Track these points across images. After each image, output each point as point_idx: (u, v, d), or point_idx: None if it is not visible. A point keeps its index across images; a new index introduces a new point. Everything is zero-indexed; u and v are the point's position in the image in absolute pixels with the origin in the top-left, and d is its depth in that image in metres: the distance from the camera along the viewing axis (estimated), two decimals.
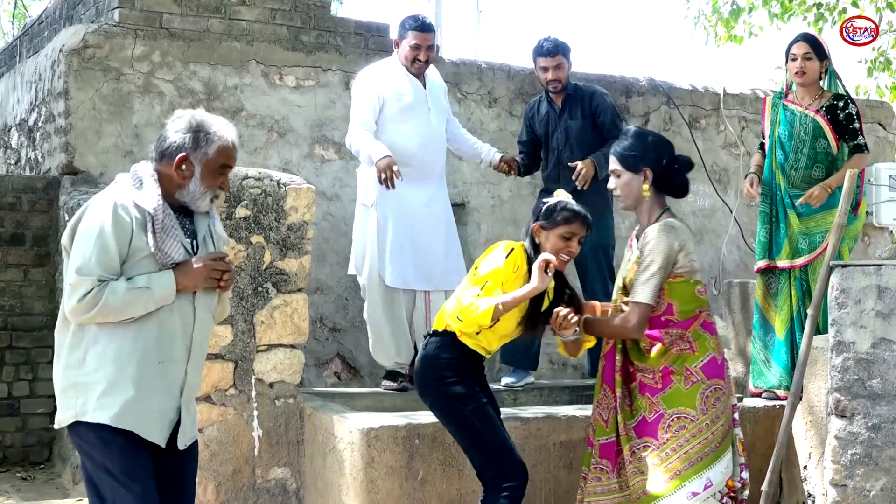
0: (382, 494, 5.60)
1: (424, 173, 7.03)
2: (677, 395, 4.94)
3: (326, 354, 8.26)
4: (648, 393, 4.99)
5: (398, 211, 6.92)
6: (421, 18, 7.16)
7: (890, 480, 5.31)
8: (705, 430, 4.89)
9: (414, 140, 7.00)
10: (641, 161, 5.13)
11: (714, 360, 5.02)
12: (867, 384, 5.35)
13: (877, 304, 5.34)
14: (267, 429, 6.15)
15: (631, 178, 5.16)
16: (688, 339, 5.01)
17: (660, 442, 4.90)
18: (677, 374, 4.96)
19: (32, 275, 7.87)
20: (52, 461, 7.80)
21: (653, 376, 5.00)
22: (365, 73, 7.22)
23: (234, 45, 8.17)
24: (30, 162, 8.75)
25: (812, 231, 6.70)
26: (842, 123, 6.76)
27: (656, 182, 5.15)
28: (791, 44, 6.91)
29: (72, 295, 4.07)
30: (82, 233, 4.12)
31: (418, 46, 7.01)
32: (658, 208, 5.17)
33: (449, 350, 5.17)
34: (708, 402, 4.93)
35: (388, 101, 6.98)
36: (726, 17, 14.70)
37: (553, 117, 7.56)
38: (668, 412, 4.93)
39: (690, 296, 5.05)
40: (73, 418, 4.15)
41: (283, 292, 6.20)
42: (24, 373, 7.75)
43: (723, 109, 10.02)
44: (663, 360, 5.00)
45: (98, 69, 7.74)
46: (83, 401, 4.12)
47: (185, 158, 4.23)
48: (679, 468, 4.84)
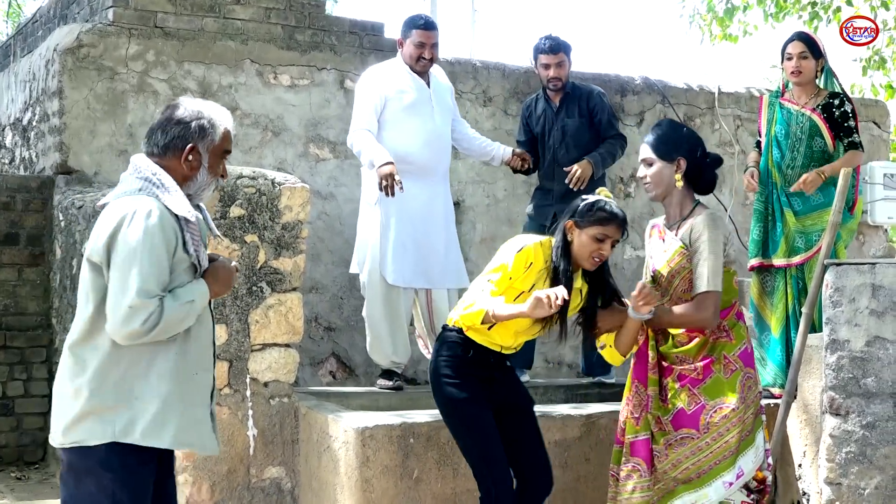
0: (377, 494, 5.59)
1: (427, 172, 7.04)
2: (718, 385, 4.95)
3: (321, 354, 8.26)
4: (689, 384, 4.99)
5: (401, 209, 6.93)
6: (424, 17, 7.25)
7: (884, 478, 5.33)
8: (743, 419, 4.92)
9: (416, 139, 7.01)
10: (675, 150, 5.09)
11: (747, 348, 5.06)
12: (861, 382, 5.37)
13: (871, 303, 5.36)
14: (262, 428, 6.13)
15: (663, 166, 5.10)
16: (724, 328, 5.04)
17: (700, 433, 4.91)
18: (717, 363, 4.97)
19: (27, 274, 7.87)
20: (46, 461, 7.80)
21: (693, 367, 4.99)
22: (368, 72, 7.25)
23: (229, 44, 8.17)
24: (24, 161, 8.75)
25: (809, 229, 6.71)
26: (837, 121, 6.77)
27: (687, 174, 5.11)
28: (786, 43, 6.92)
29: (132, 319, 3.83)
30: (131, 250, 3.85)
31: (422, 45, 7.04)
32: (690, 201, 5.15)
33: (452, 347, 5.14)
34: (745, 391, 4.95)
35: (391, 99, 7.00)
36: (721, 16, 14.71)
37: (550, 115, 7.59)
38: (709, 403, 4.93)
39: (729, 286, 5.08)
40: (109, 438, 3.91)
41: (277, 291, 6.18)
42: (19, 372, 7.74)
43: (717, 108, 10.02)
44: (702, 350, 5.01)
45: (92, 68, 7.73)
46: (126, 422, 3.93)
47: (194, 148, 4.08)
48: (718, 458, 4.88)
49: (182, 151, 4.07)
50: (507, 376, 5.28)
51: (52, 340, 7.82)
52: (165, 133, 4.09)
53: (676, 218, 5.12)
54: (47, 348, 7.85)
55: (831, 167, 6.69)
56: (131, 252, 3.84)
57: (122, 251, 3.85)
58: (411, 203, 6.91)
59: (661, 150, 5.10)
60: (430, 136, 7.05)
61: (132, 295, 3.82)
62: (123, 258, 3.85)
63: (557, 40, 7.58)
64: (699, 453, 4.90)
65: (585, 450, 6.03)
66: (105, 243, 3.89)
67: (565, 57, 7.55)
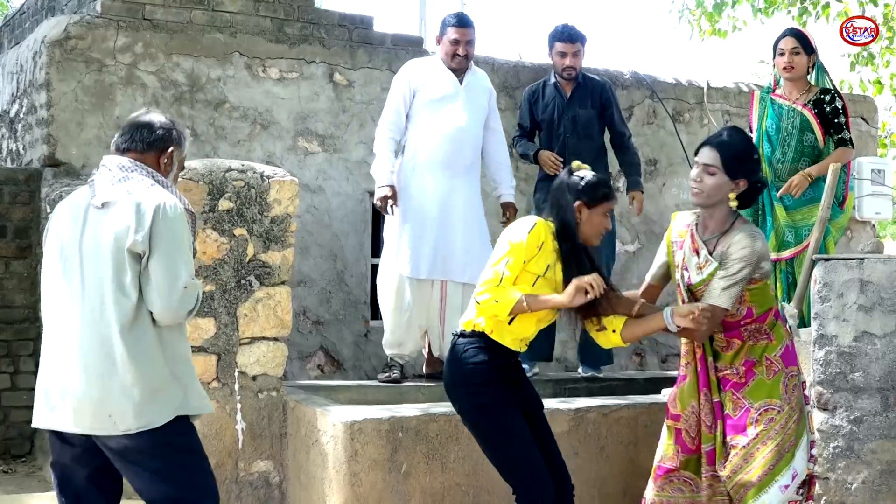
0: (366, 487, 5.60)
1: (447, 166, 7.12)
2: (762, 387, 4.88)
3: (309, 347, 8.25)
4: (732, 389, 4.92)
5: (418, 203, 7.06)
6: (460, 15, 7.44)
7: (871, 473, 5.35)
8: (790, 419, 4.85)
9: (439, 132, 7.12)
10: (742, 171, 4.92)
11: (788, 347, 4.97)
12: (849, 377, 5.38)
13: (859, 298, 5.37)
14: (250, 422, 6.14)
15: (725, 182, 4.90)
16: (765, 331, 4.95)
17: (749, 438, 4.83)
18: (759, 365, 4.89)
19: (14, 267, 7.84)
20: (33, 454, 7.77)
21: (735, 371, 4.93)
22: (405, 65, 7.46)
23: (218, 36, 8.15)
24: (11, 154, 8.72)
25: (799, 224, 6.73)
26: (828, 117, 6.79)
27: (740, 196, 4.95)
28: (778, 39, 6.96)
29: (188, 299, 4.23)
30: (175, 237, 4.21)
31: (457, 41, 7.22)
32: (732, 215, 4.98)
33: (477, 353, 4.99)
34: (790, 391, 4.89)
35: (420, 91, 7.19)
36: (710, 11, 14.78)
37: (560, 104, 7.72)
38: (754, 406, 4.86)
39: (766, 296, 4.99)
40: (173, 414, 4.28)
41: (266, 285, 6.19)
42: (6, 366, 7.71)
43: (706, 103, 10.03)
44: (743, 353, 4.94)
45: (80, 60, 7.70)
46: (181, 395, 4.31)
47: (172, 152, 4.44)
48: (772, 462, 4.80)
49: (163, 152, 4.42)
50: (524, 378, 5.24)
51: (40, 333, 7.76)
52: (152, 132, 4.42)
53: (715, 231, 4.97)
54: (34, 341, 7.80)
55: (818, 167, 6.71)
56: (175, 239, 4.21)
57: (166, 239, 4.18)
58: (429, 196, 7.03)
59: (731, 165, 4.90)
60: (454, 131, 7.12)
61: (186, 277, 4.22)
62: (169, 245, 4.19)
63: (574, 29, 7.76)
64: (752, 461, 4.82)
65: (574, 444, 6.04)
66: (147, 233, 4.16)
67: (581, 47, 7.73)
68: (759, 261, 4.86)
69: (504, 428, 4.95)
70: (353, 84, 8.57)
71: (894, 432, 5.36)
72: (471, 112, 7.25)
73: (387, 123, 7.20)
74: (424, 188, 7.08)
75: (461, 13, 7.50)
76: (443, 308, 7.12)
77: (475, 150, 7.31)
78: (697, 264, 4.96)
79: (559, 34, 7.73)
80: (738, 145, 4.97)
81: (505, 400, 4.97)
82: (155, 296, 4.18)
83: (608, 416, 6.21)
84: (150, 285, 4.18)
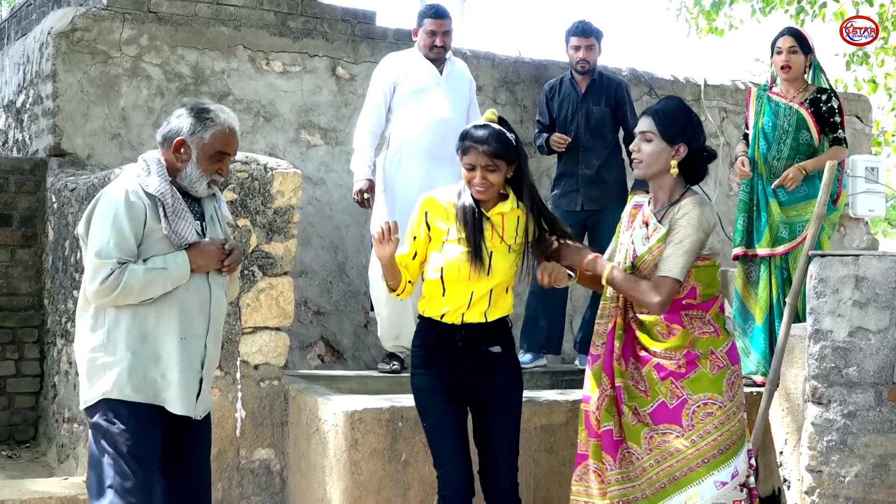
0: (366, 476, 5.63)
1: (430, 156, 7.14)
2: (703, 381, 4.69)
3: (310, 337, 8.30)
4: (672, 377, 4.71)
5: (403, 193, 7.07)
6: (435, 6, 7.45)
7: (864, 466, 5.36)
8: (732, 417, 4.69)
9: (421, 123, 7.18)
10: (681, 135, 4.78)
11: (734, 344, 4.85)
12: (844, 372, 5.40)
13: (854, 294, 5.38)
14: (252, 410, 6.16)
15: (663, 148, 4.79)
16: (709, 321, 4.79)
17: (684, 429, 4.66)
18: (703, 358, 4.71)
19: (19, 255, 7.91)
20: (37, 440, 7.83)
21: (676, 360, 4.71)
22: (384, 59, 7.49)
23: (222, 29, 8.20)
24: (17, 143, 8.77)
25: (793, 220, 6.77)
26: (823, 116, 6.84)
27: (682, 163, 4.80)
28: (776, 38, 6.97)
29: (94, 278, 4.31)
30: (98, 219, 4.35)
31: (434, 32, 7.27)
32: (681, 186, 4.84)
33: (416, 336, 5.07)
34: (734, 389, 4.74)
35: (400, 84, 7.24)
36: (707, 10, 14.83)
37: (575, 100, 7.77)
38: (692, 398, 4.67)
39: (713, 279, 4.85)
40: (99, 396, 4.38)
41: (268, 275, 6.21)
42: (11, 352, 7.79)
43: (703, 100, 10.10)
44: (687, 343, 4.72)
45: (86, 52, 7.77)
46: (108, 379, 4.37)
47: (183, 142, 4.46)
48: (707, 455, 4.63)
49: (171, 145, 4.47)
50: (480, 365, 4.96)
51: (44, 321, 7.85)
52: (167, 126, 4.52)
53: (664, 202, 4.84)
54: (39, 328, 7.88)
55: (814, 162, 6.76)
56: (96, 222, 4.36)
57: (92, 224, 4.38)
58: (415, 186, 7.00)
59: (665, 129, 4.78)
60: (436, 121, 7.17)
61: (92, 256, 4.32)
62: (92, 229, 4.37)
63: (590, 25, 7.82)
64: (685, 451, 4.63)
65: (571, 434, 6.02)
66: (84, 220, 4.44)
67: (596, 42, 7.77)
68: (708, 229, 4.72)
69: (422, 410, 5.00)
70: (355, 78, 8.63)
71: (887, 426, 5.37)
72: (452, 102, 7.30)
73: (367, 118, 7.27)
74: (410, 179, 7.11)
75: (437, 5, 7.52)
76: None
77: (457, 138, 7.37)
78: (645, 235, 4.83)
79: (574, 28, 7.79)
80: (674, 110, 4.85)
81: (431, 383, 4.95)
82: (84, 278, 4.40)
83: None
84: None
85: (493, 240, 4.89)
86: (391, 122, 7.27)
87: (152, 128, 8.00)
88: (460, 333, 4.93)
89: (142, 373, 4.40)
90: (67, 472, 6.75)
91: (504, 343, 5.05)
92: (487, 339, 4.98)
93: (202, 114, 4.51)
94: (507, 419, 5.03)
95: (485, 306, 4.93)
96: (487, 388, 4.97)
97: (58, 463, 7.16)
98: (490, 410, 5.00)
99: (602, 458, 4.82)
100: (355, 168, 7.20)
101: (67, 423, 7.06)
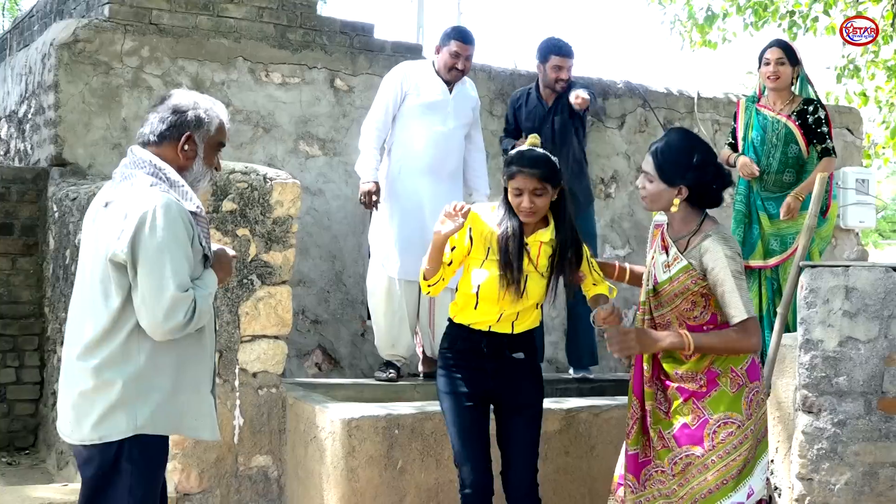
0: (362, 483, 5.66)
1: (432, 170, 7.19)
2: (723, 399, 4.62)
3: (308, 346, 8.33)
4: (694, 398, 4.65)
5: (404, 205, 7.13)
6: (463, 30, 7.46)
7: (854, 475, 5.41)
8: (750, 436, 4.61)
9: (425, 137, 7.20)
10: (680, 178, 4.63)
11: (754, 361, 4.73)
12: (834, 381, 5.44)
13: (844, 304, 5.42)
14: (250, 417, 6.18)
15: (664, 189, 4.66)
16: None
17: (705, 449, 4.58)
18: (723, 376, 4.63)
19: (20, 264, 7.94)
20: (36, 447, 7.85)
21: (697, 380, 4.65)
22: (397, 66, 7.49)
23: (222, 41, 8.26)
24: (19, 153, 8.81)
25: (784, 232, 6.83)
26: (811, 127, 6.90)
27: (689, 197, 4.67)
28: (765, 49, 7.05)
29: (175, 313, 3.88)
30: (160, 246, 3.88)
31: (458, 55, 7.26)
32: (697, 215, 4.72)
33: (444, 339, 5.16)
34: (752, 406, 4.65)
35: (410, 94, 7.24)
36: (701, 23, 14.87)
37: (541, 113, 7.81)
38: (713, 417, 4.60)
39: None
40: (131, 432, 3.97)
41: (267, 284, 6.22)
42: (11, 360, 7.80)
43: (696, 113, 10.14)
44: (706, 362, 4.65)
45: (88, 63, 7.82)
46: (148, 414, 3.99)
47: (190, 137, 4.12)
48: (726, 477, 4.55)
49: (178, 141, 4.10)
50: (505, 369, 5.07)
51: (45, 329, 7.88)
52: (163, 121, 4.11)
53: (682, 232, 4.72)
54: (39, 336, 7.90)
55: (806, 187, 6.81)
56: (160, 248, 3.88)
57: (150, 248, 3.88)
58: (415, 199, 7.09)
59: (663, 172, 4.66)
60: (439, 137, 7.21)
61: (172, 289, 3.87)
62: (154, 255, 3.87)
63: (568, 44, 7.86)
64: (705, 472, 4.56)
65: (565, 443, 6.13)
66: (130, 243, 3.89)
67: (573, 62, 7.84)
68: (737, 259, 4.60)
69: (446, 413, 5.06)
70: (353, 90, 8.68)
71: (877, 435, 5.42)
72: (457, 120, 7.33)
73: (374, 121, 7.25)
74: (410, 192, 7.14)
75: (465, 29, 7.53)
76: (432, 309, 7.20)
77: (459, 156, 7.39)
78: (665, 262, 4.73)
79: (556, 48, 7.81)
80: (674, 151, 4.68)
81: (455, 388, 5.04)
82: (142, 309, 3.91)
83: (599, 416, 6.26)
84: (137, 298, 3.91)
85: (528, 266, 4.98)
86: (394, 132, 7.28)
87: None
88: (486, 339, 5.05)
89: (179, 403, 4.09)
90: (67, 479, 6.77)
91: (527, 350, 5.15)
92: (512, 347, 5.10)
93: (200, 107, 4.17)
94: (529, 421, 5.13)
95: (513, 319, 5.06)
96: (510, 391, 5.09)
97: (57, 470, 7.18)
98: (512, 413, 5.11)
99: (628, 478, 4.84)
100: (362, 170, 7.20)
101: None
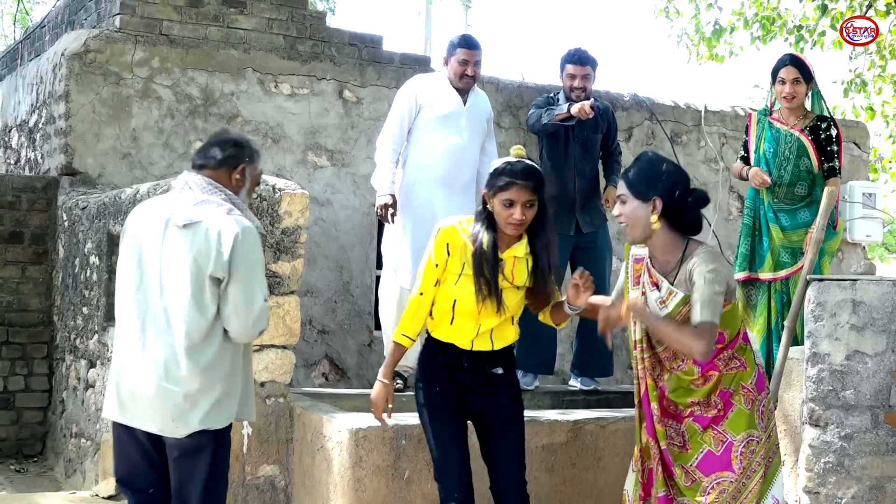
0: (369, 493, 5.65)
1: (446, 182, 7.19)
2: (741, 418, 4.63)
3: (315, 356, 8.34)
4: (713, 424, 4.64)
5: (417, 216, 7.12)
6: (468, 37, 7.48)
7: (861, 489, 5.37)
8: (767, 448, 4.67)
9: (440, 149, 7.20)
10: (651, 189, 4.61)
11: (760, 373, 4.77)
12: (841, 395, 5.40)
13: (851, 318, 5.39)
14: (257, 427, 6.16)
15: (638, 206, 4.64)
16: (734, 356, 4.74)
17: (736, 473, 4.59)
18: (736, 395, 4.65)
19: (30, 272, 7.98)
20: (45, 454, 7.87)
21: (714, 405, 4.66)
22: (411, 79, 7.50)
23: (232, 52, 8.30)
24: (29, 162, 8.85)
25: (795, 245, 6.80)
26: (822, 144, 6.89)
27: (666, 214, 4.63)
28: (778, 67, 6.97)
29: (262, 319, 4.53)
30: (252, 263, 4.49)
31: (466, 62, 7.27)
32: (680, 242, 4.68)
33: (422, 352, 5.15)
34: (764, 418, 4.70)
35: (424, 107, 7.24)
36: (708, 37, 14.88)
37: (570, 126, 7.79)
38: (736, 438, 4.61)
39: (735, 318, 4.76)
40: (227, 422, 4.61)
41: (276, 294, 6.19)
42: (20, 368, 7.84)
43: (703, 126, 10.15)
44: (716, 384, 4.66)
45: (98, 73, 7.86)
46: (234, 406, 4.63)
47: (244, 169, 4.65)
48: (758, 495, 4.61)
49: (234, 169, 4.62)
50: (484, 385, 5.05)
51: (53, 337, 7.90)
52: (223, 149, 4.64)
53: (670, 263, 4.70)
54: (48, 344, 7.93)
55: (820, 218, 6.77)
56: (252, 265, 4.50)
57: (244, 264, 4.47)
58: (429, 210, 7.07)
59: (634, 187, 4.66)
60: (454, 149, 7.22)
61: (261, 300, 4.51)
62: (246, 271, 4.48)
63: (586, 53, 7.87)
64: (739, 496, 4.60)
65: (572, 454, 6.11)
66: (228, 259, 4.43)
67: (591, 70, 7.83)
68: (723, 284, 4.55)
69: (426, 427, 5.06)
70: (361, 101, 8.71)
71: (884, 449, 5.38)
72: (472, 132, 7.33)
73: (390, 135, 7.24)
74: (424, 203, 7.14)
75: (470, 35, 7.54)
76: None
77: (473, 168, 7.38)
78: (659, 299, 4.70)
79: (570, 56, 7.83)
80: (642, 166, 4.70)
81: (436, 400, 5.05)
82: (233, 317, 4.46)
83: (605, 427, 6.24)
84: (229, 307, 4.46)
85: (503, 281, 4.95)
86: (410, 145, 7.27)
87: (162, 148, 8.09)
88: (467, 355, 5.03)
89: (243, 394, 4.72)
90: (75, 487, 6.80)
91: (506, 365, 5.14)
92: (492, 363, 5.08)
93: (252, 146, 4.73)
94: (512, 437, 5.10)
95: (490, 335, 5.05)
96: (490, 407, 5.07)
97: (65, 477, 7.20)
98: (495, 430, 5.08)
99: None
100: (378, 183, 7.17)
101: (75, 437, 7.10)
